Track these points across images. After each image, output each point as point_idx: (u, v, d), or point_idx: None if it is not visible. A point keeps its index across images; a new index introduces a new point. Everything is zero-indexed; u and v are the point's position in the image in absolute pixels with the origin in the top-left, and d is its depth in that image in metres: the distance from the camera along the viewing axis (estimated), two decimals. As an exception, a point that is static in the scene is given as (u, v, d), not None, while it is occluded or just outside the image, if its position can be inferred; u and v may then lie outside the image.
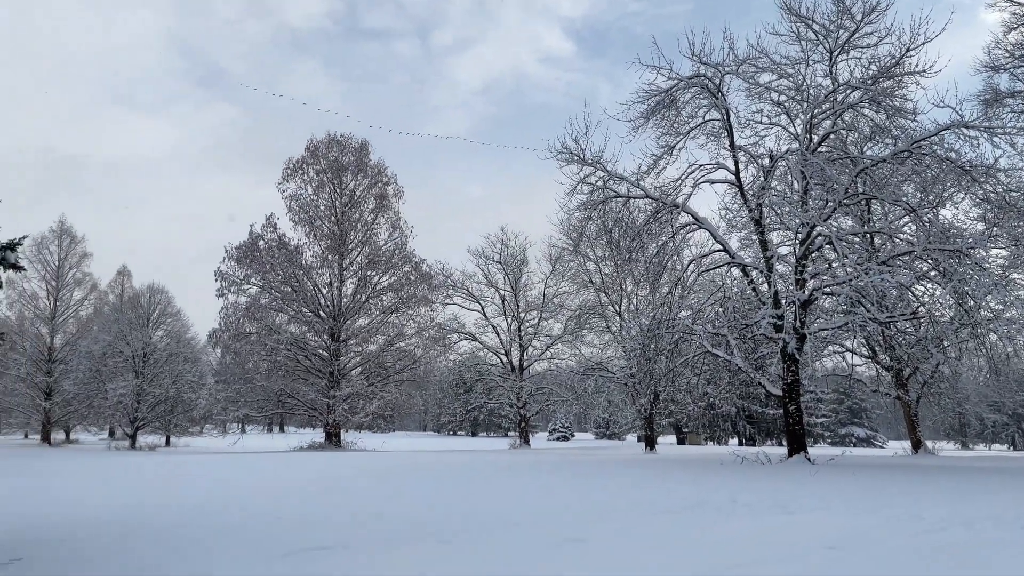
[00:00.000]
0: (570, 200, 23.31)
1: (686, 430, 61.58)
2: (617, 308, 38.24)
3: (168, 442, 45.79)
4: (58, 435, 50.07)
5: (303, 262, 38.63)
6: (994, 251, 26.03)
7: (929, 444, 37.50)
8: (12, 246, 6.15)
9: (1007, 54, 28.65)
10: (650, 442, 35.95)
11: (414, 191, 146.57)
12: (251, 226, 38.30)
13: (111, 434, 49.53)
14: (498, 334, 44.48)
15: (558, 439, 71.49)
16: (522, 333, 44.13)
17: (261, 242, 38.14)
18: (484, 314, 44.33)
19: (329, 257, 38.93)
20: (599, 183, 22.46)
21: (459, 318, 44.50)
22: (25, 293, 46.27)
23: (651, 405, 35.14)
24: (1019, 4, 27.50)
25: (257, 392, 37.35)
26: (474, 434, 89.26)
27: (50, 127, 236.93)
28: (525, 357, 44.34)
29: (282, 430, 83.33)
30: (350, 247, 39.48)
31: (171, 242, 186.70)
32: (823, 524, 7.97)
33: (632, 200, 23.53)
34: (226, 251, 37.93)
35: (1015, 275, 27.84)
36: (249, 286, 38.17)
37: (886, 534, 7.15)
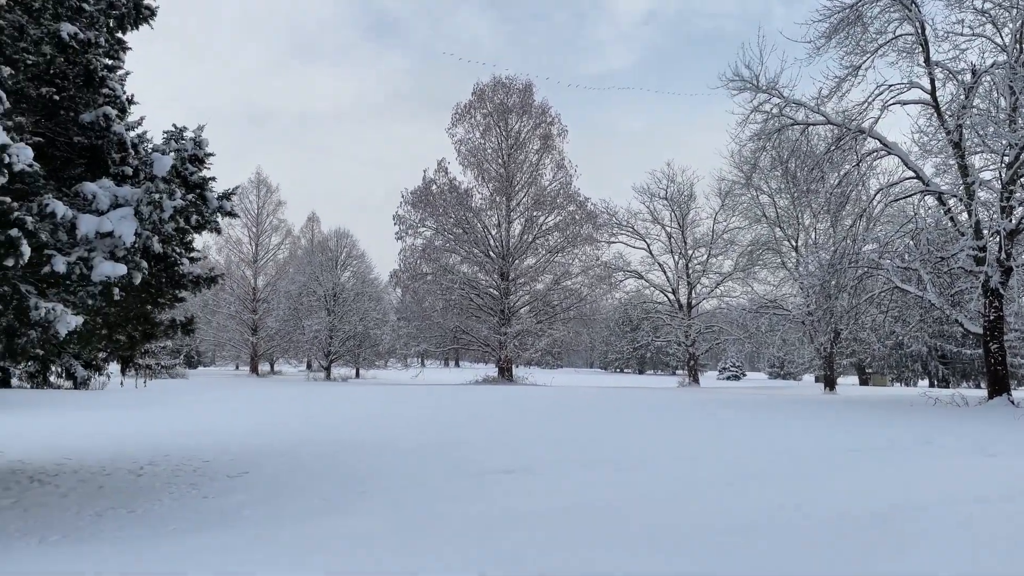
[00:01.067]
0: (742, 130, 22.33)
1: (870, 371, 58.17)
2: (793, 243, 36.47)
3: (358, 374, 49.60)
4: (264, 367, 55.67)
5: (473, 204, 39.87)
6: None
7: None
8: (228, 195, 6.93)
9: None
10: (830, 382, 34.46)
11: (577, 129, 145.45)
12: (424, 171, 39.96)
13: (308, 366, 54.35)
14: (664, 272, 43.86)
15: (728, 378, 70.01)
16: (690, 271, 43.23)
17: (434, 186, 39.72)
18: (650, 252, 43.77)
19: (497, 199, 39.89)
20: (774, 111, 21.31)
21: (624, 256, 44.20)
22: (231, 239, 51.18)
23: (831, 344, 33.54)
24: None
25: (434, 329, 39.46)
26: (641, 372, 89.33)
27: (249, 82, 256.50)
28: (693, 295, 43.50)
29: (457, 364, 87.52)
30: (516, 188, 40.19)
31: (353, 188, 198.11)
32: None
33: (811, 128, 22.17)
34: (403, 196, 39.92)
35: None
36: (424, 228, 40.05)
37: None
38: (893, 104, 20.08)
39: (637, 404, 18.78)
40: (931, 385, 55.50)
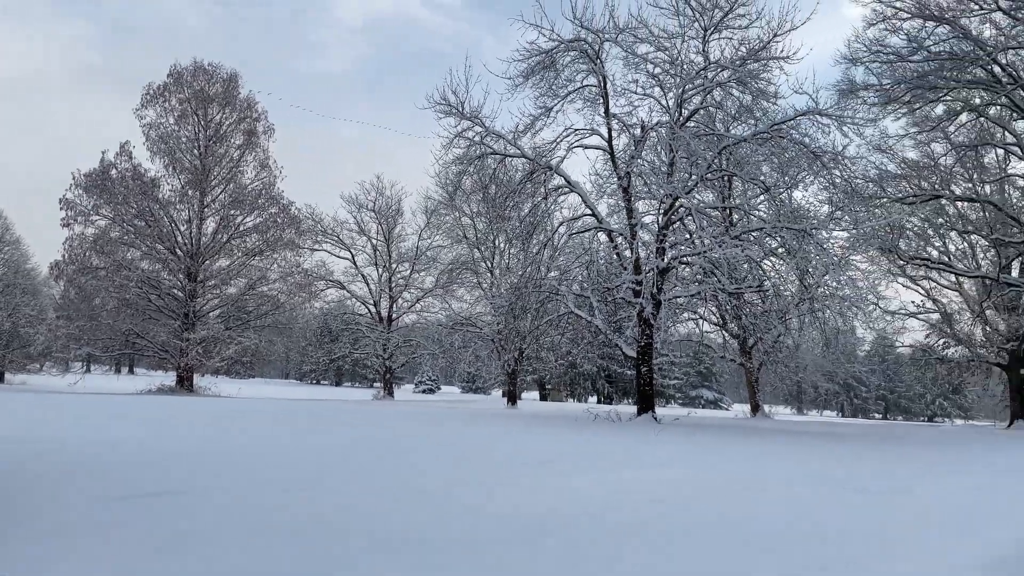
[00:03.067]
0: (447, 153, 23.10)
1: (549, 387, 63.44)
2: (489, 265, 38.57)
3: (2, 378, 42.44)
4: None
5: (160, 196, 36.39)
6: (836, 233, 28.17)
7: (766, 408, 40.48)
8: None
9: (865, 48, 30.63)
10: (512, 397, 36.79)
11: (287, 129, 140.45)
12: (103, 153, 35.60)
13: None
14: (368, 284, 43.86)
15: (424, 391, 71.84)
16: (393, 284, 43.69)
17: (114, 171, 35.55)
18: (354, 263, 43.51)
19: (189, 192, 36.83)
20: (476, 138, 22.35)
21: (327, 265, 43.45)
22: None
23: (515, 361, 35.88)
24: (880, 1, 29.37)
25: (103, 330, 35.14)
26: (338, 384, 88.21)
27: None
28: (394, 308, 44.01)
29: (131, 371, 79.12)
30: (213, 184, 37.50)
31: (16, 167, 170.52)
32: (656, 480, 8.45)
33: (509, 159, 23.64)
34: (73, 178, 35.13)
35: (854, 257, 30.29)
36: (98, 217, 35.62)
37: (712, 491, 7.67)
38: (577, 147, 22.15)
39: (322, 415, 18.32)
40: (599, 401, 62.04)
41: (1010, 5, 27.35)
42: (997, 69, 28.15)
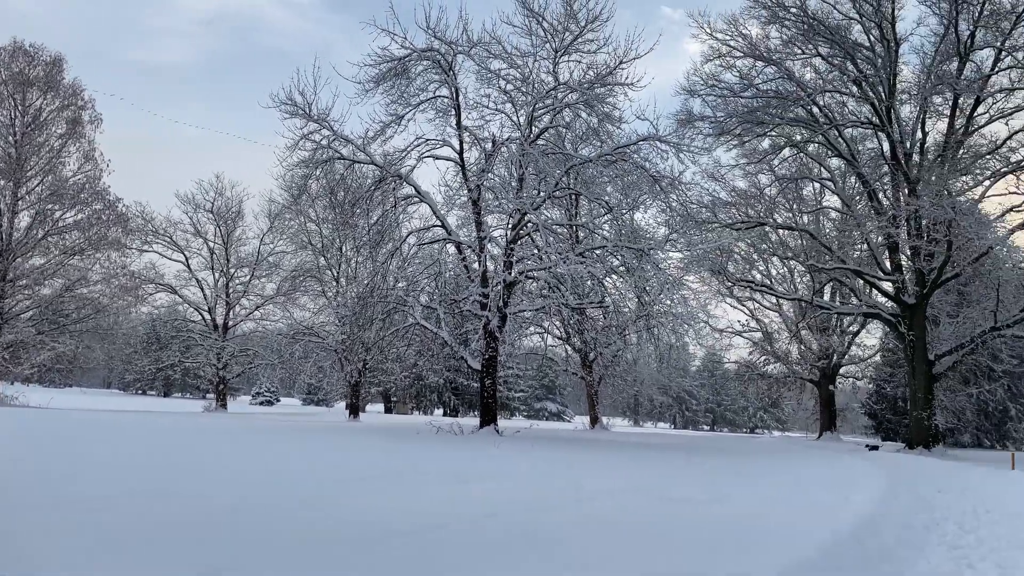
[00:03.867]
0: (291, 155, 22.24)
1: (394, 399, 62.57)
2: (335, 272, 37.52)
3: None
4: None
5: (-37, 184, 32.60)
6: (672, 254, 29.71)
7: (605, 420, 41.90)
8: None
9: (702, 82, 32.62)
10: (355, 410, 35.89)
11: (116, 123, 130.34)
12: None
13: None
14: (203, 289, 41.36)
15: (262, 403, 68.70)
16: (230, 290, 41.48)
17: (-92, 154, 31.48)
18: (188, 266, 40.94)
19: (1, 183, 33.25)
20: (324, 142, 21.71)
21: (158, 268, 40.60)
22: None
23: (359, 373, 35.05)
24: (716, 39, 31.42)
25: None
26: (167, 394, 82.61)
27: None
28: (231, 316, 41.76)
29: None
30: (29, 174, 34.07)
31: None
32: (491, 493, 8.39)
33: (358, 165, 23.12)
34: None
35: (687, 277, 32.03)
36: None
37: (545, 504, 7.70)
38: (428, 156, 22.02)
39: (134, 431, 16.95)
40: (445, 413, 61.88)
41: (828, 52, 30.05)
42: (816, 110, 30.83)
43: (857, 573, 5.74)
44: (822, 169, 35.54)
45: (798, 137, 33.26)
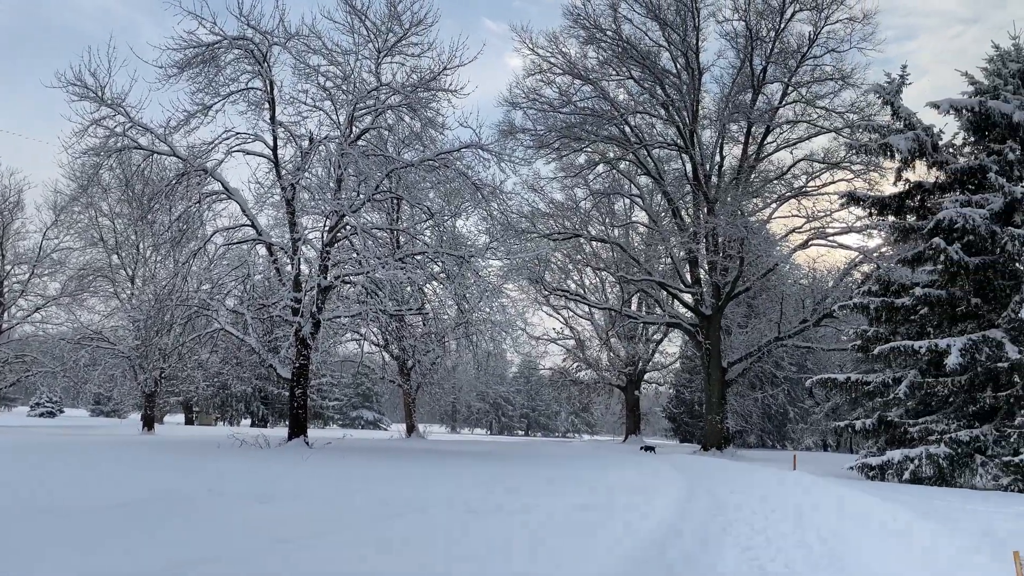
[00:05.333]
0: (80, 141, 19.96)
1: (196, 409, 58.48)
2: (130, 272, 34.34)
3: None
4: None
5: None
6: (492, 262, 29.98)
7: (422, 427, 41.56)
8: None
9: (523, 95, 33.34)
10: (149, 422, 33.00)
11: None
12: None
13: None
14: (-31, 287, 36.34)
15: (41, 415, 61.65)
16: (5, 289, 36.74)
17: None
18: (-49, 261, 35.83)
19: None
20: (119, 129, 19.67)
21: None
22: None
23: (156, 382, 32.27)
24: (537, 54, 32.23)
25: None
26: (-78, 406, 71.98)
27: None
28: (6, 318, 36.97)
29: None
30: None
31: None
32: (293, 514, 7.78)
33: (159, 156, 21.25)
34: None
35: (506, 285, 32.48)
36: None
37: (345, 524, 7.22)
38: (238, 151, 20.63)
39: None
40: (253, 424, 58.69)
41: (640, 76, 31.75)
42: (628, 129, 32.48)
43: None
44: (632, 186, 37.52)
45: (611, 154, 34.90)
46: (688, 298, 33.53)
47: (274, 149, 20.90)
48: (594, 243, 37.76)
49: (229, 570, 5.24)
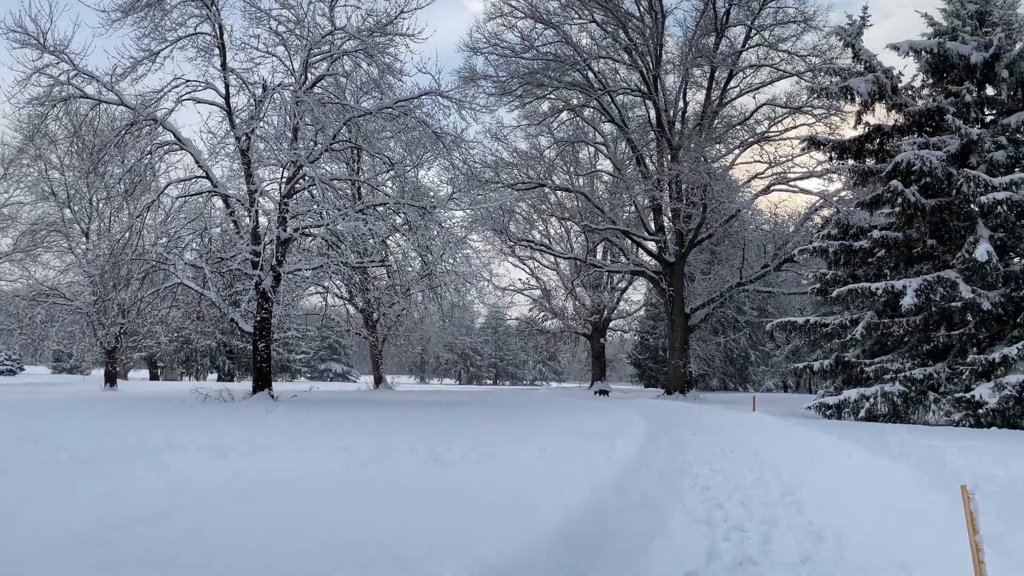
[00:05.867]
0: (23, 91, 19.20)
1: (161, 365, 57.85)
2: (83, 227, 33.45)
3: None
4: None
5: None
6: (457, 213, 29.70)
7: (390, 379, 41.63)
8: None
9: (484, 40, 32.66)
10: (111, 378, 32.57)
11: None
12: None
13: None
14: (-86, 245, 35.13)
15: (1, 373, 60.62)
16: (-47, 246, 35.60)
17: None
18: None
19: None
20: (63, 77, 18.91)
21: None
22: None
23: (116, 338, 31.74)
24: (496, -2, 31.44)
25: None
26: None
27: None
28: (-44, 276, 35.94)
29: None
30: None
31: None
32: (253, 467, 7.72)
33: (107, 106, 20.52)
34: None
35: (471, 236, 32.27)
36: None
37: (304, 475, 7.18)
38: (188, 99, 19.96)
39: None
40: (219, 379, 58.26)
41: (603, 19, 31.20)
42: (591, 75, 32.07)
43: (616, 525, 5.88)
44: (596, 133, 37.27)
45: (575, 101, 34.52)
46: (652, 246, 33.68)
47: (226, 97, 20.26)
48: (559, 192, 37.58)
49: (187, 523, 5.17)
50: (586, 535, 5.41)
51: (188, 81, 19.71)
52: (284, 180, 20.73)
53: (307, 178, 20.62)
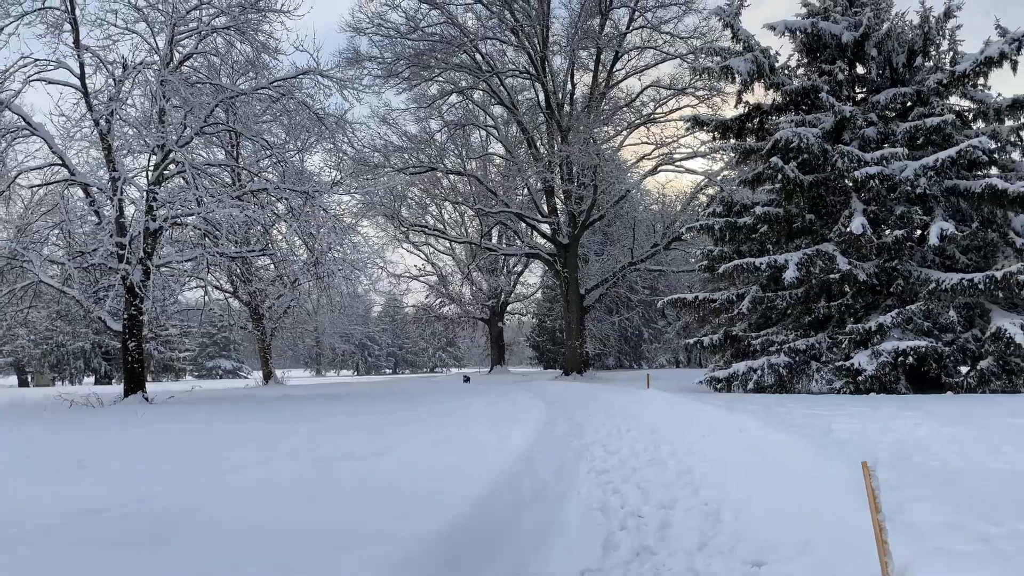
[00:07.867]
0: None
1: (30, 370, 53.74)
2: (-74, 224, 30.30)
3: None
4: None
5: None
6: (344, 198, 28.63)
7: (280, 373, 40.10)
8: None
9: (368, 20, 31.55)
10: (-33, 389, 29.76)
11: None
12: None
13: None
14: None
15: None
16: None
17: None
18: None
19: None
20: None
21: None
22: None
23: (-30, 344, 29.01)
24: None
25: None
26: None
27: None
28: None
29: None
30: None
31: None
32: (108, 480, 6.90)
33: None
34: None
35: (362, 223, 31.25)
36: None
37: (167, 486, 6.45)
38: (37, 79, 18.21)
39: None
40: (97, 382, 54.65)
41: (488, -1, 30.66)
42: (479, 57, 31.55)
43: (508, 521, 5.50)
44: (487, 116, 36.85)
45: (464, 84, 33.92)
46: (546, 228, 33.67)
47: (81, 77, 18.60)
48: (451, 176, 36.97)
49: (27, 551, 4.44)
50: (475, 535, 5.00)
51: (37, 60, 18.00)
52: (151, 166, 19.28)
53: (178, 164, 19.25)
